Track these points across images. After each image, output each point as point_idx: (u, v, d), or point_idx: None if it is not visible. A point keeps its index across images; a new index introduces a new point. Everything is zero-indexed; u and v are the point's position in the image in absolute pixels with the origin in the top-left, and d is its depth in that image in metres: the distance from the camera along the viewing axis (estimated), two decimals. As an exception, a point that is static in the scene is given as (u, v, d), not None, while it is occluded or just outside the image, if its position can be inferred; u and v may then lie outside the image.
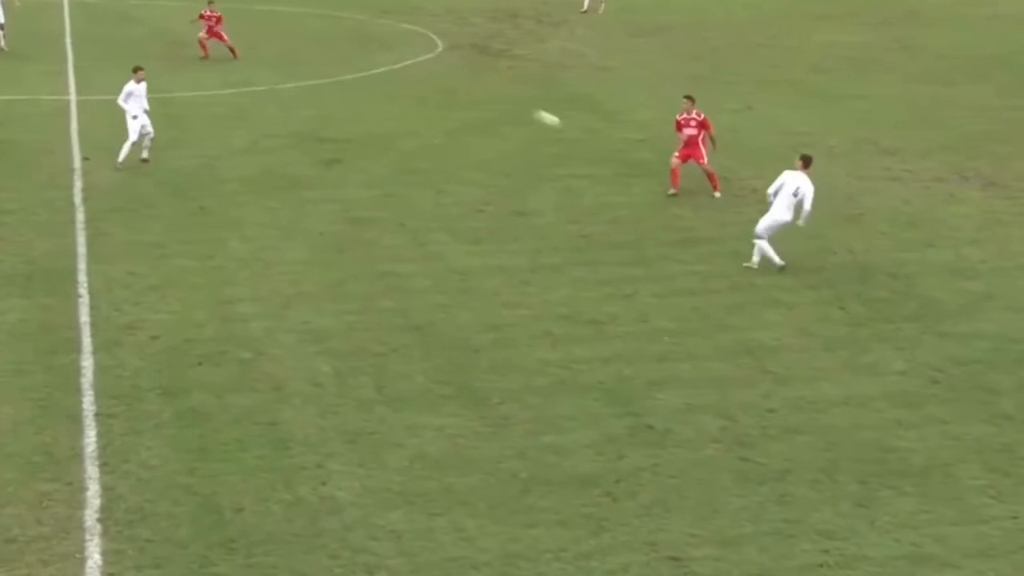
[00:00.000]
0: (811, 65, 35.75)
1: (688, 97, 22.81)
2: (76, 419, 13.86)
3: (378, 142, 26.45)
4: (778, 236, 19.17)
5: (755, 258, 18.94)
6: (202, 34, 35.24)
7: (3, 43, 35.21)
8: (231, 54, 35.15)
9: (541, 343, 16.34)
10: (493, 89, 32.14)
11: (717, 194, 22.66)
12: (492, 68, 34.99)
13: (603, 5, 44.59)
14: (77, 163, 24.08)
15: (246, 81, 32.14)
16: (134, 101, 23.78)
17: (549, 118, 22.85)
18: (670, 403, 14.58)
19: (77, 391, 14.53)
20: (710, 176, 22.74)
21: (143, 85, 23.97)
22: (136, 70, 24.08)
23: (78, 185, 22.70)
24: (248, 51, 36.38)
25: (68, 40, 37.11)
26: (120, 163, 23.61)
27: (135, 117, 23.75)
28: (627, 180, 23.75)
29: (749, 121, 28.44)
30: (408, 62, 35.55)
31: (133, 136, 23.73)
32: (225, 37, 35.38)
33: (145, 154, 24.17)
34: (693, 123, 22.53)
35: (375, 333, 16.55)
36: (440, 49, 37.66)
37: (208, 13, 35.37)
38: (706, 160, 22.63)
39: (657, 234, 20.82)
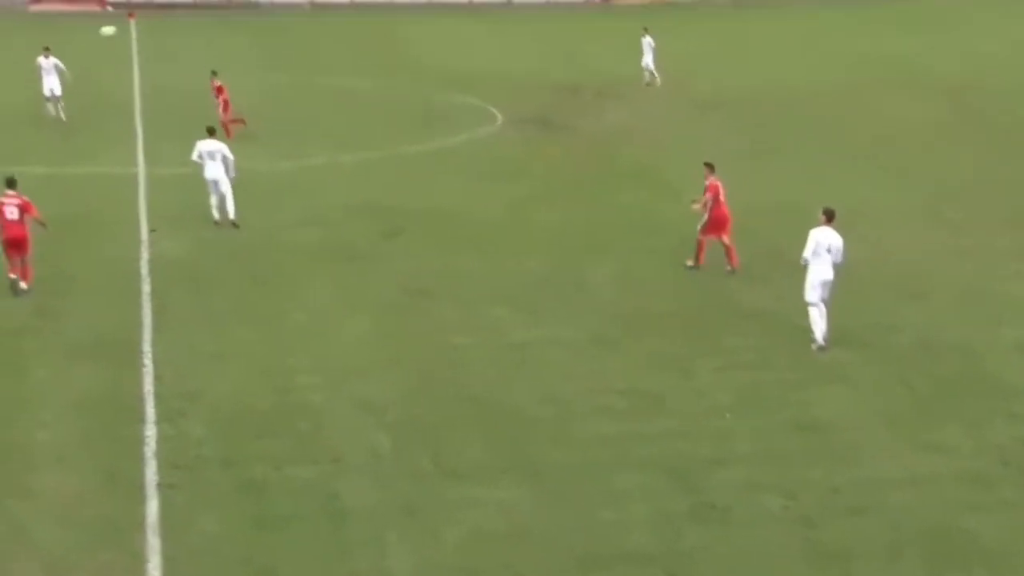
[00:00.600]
0: (876, 137, 35.62)
1: (706, 164, 22.74)
2: (139, 489, 14.00)
3: (437, 214, 26.65)
4: (836, 310, 19.00)
5: (818, 335, 18.69)
6: (222, 115, 34.38)
7: (62, 115, 35.96)
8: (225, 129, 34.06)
9: (599, 417, 16.27)
10: (552, 162, 32.34)
11: (689, 263, 22.65)
12: (552, 141, 35.23)
13: (658, 79, 44.75)
14: (144, 235, 24.47)
15: (306, 154, 32.59)
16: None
17: (107, 30, 23.85)
18: (731, 480, 14.43)
19: (140, 460, 14.67)
20: (698, 245, 22.63)
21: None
22: (212, 131, 25.49)
23: (144, 256, 23.06)
24: (308, 124, 36.98)
25: (137, 114, 37.87)
26: (234, 219, 24.95)
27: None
28: (685, 253, 23.69)
29: (811, 194, 28.30)
30: (467, 135, 35.91)
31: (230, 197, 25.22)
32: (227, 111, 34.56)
33: (218, 215, 25.11)
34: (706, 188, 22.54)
35: (433, 405, 16.58)
36: (500, 122, 38.01)
37: (216, 84, 35.05)
38: (700, 226, 22.45)
39: (715, 308, 20.73)
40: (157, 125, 35.52)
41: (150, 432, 15.46)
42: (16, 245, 20.52)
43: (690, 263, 22.69)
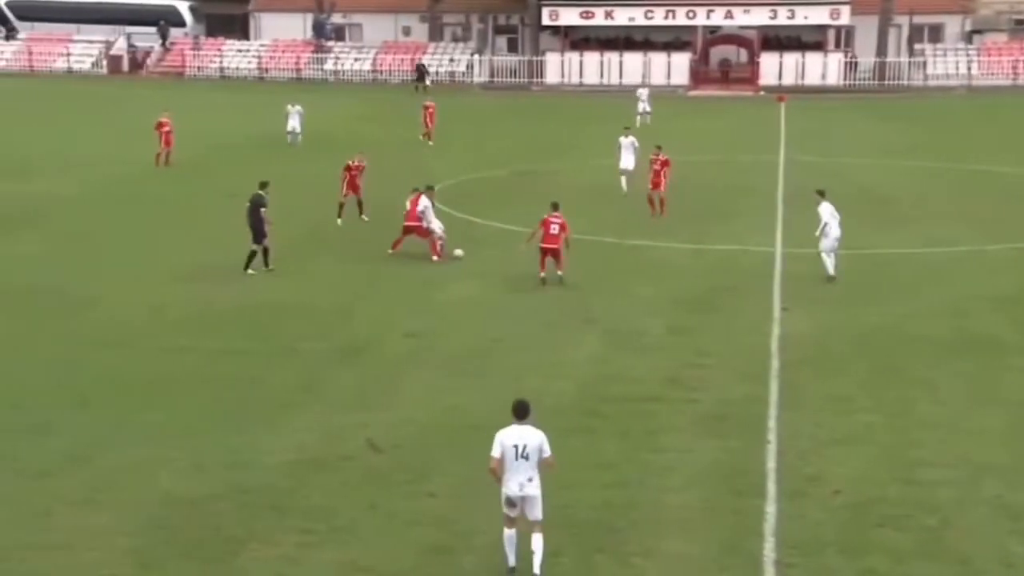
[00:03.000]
0: None
1: None
2: (756, 564, 14.09)
3: (1095, 312, 24.54)
4: None
5: None
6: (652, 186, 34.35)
7: (623, 187, 37.08)
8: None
9: None
10: None
11: None
12: None
13: None
14: (776, 312, 24.80)
15: (951, 240, 31.43)
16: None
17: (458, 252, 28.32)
18: None
19: (759, 536, 14.76)
20: None
21: None
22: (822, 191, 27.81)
23: (775, 333, 23.32)
24: (957, 210, 35.76)
25: (779, 192, 38.63)
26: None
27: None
28: None
29: None
30: None
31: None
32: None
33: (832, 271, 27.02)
34: None
35: (1079, 518, 15.18)
36: None
37: (660, 158, 34.66)
38: None
39: None
40: (797, 204, 35.98)
41: (770, 509, 15.52)
42: (552, 253, 26.31)
43: None
